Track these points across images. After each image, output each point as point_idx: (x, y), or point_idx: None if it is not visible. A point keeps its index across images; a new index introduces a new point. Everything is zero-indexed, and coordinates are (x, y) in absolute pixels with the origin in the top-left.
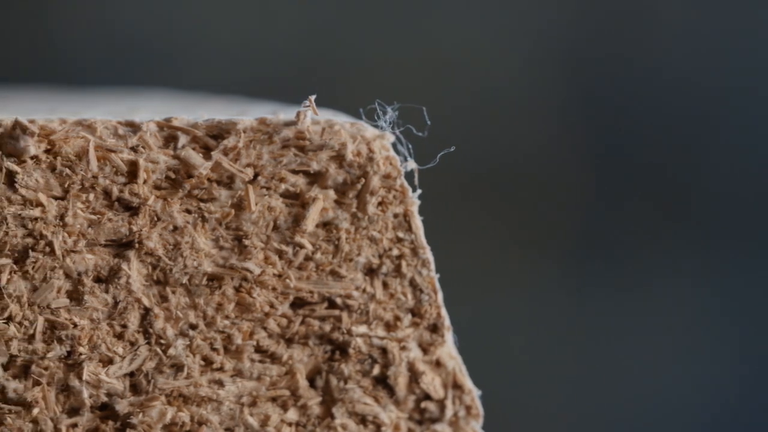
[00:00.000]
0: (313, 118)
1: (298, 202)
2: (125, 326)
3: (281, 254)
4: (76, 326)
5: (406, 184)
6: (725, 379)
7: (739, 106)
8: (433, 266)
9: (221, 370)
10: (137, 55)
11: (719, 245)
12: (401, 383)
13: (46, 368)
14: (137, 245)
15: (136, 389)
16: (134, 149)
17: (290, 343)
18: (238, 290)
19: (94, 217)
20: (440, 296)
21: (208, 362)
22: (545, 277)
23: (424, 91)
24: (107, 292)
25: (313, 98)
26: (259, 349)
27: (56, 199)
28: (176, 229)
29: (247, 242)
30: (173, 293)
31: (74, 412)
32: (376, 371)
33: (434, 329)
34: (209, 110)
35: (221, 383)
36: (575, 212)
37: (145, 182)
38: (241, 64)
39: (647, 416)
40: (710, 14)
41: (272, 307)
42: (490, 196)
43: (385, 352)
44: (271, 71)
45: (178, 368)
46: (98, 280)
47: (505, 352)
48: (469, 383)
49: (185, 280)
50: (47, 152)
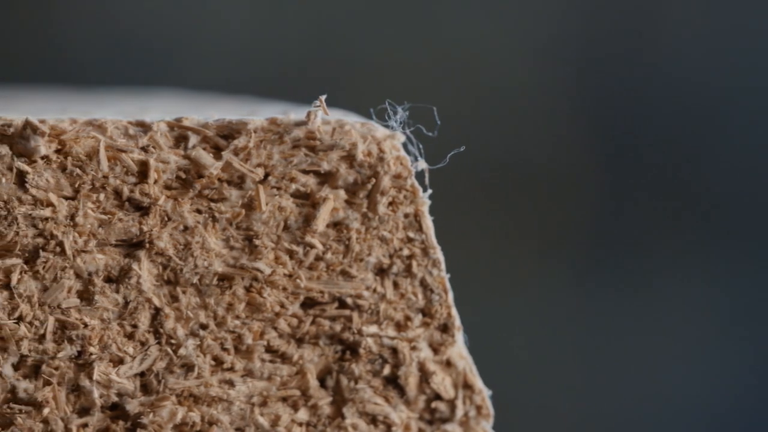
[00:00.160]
0: (323, 118)
1: (308, 202)
2: (136, 326)
3: (292, 254)
4: (86, 326)
5: (416, 184)
6: (736, 378)
7: (749, 106)
8: (443, 266)
9: (232, 370)
10: (148, 55)
11: (730, 245)
12: (412, 383)
13: (56, 368)
14: (148, 245)
15: (146, 389)
16: (145, 149)
17: (301, 343)
18: (248, 290)
19: (104, 217)
20: (451, 296)
21: (218, 362)
22: (555, 276)
23: (434, 91)
24: (118, 292)
25: (323, 98)
26: (269, 349)
27: (67, 199)
28: (187, 229)
29: (257, 242)
30: (184, 293)
31: (84, 412)
32: (386, 371)
33: (445, 329)
34: (220, 110)
35: (232, 383)
36: (585, 212)
37: (155, 182)
38: (251, 64)
39: (657, 416)
40: (721, 13)
41: (283, 307)
42: (500, 196)
43: (395, 352)
44: (281, 71)
45: (188, 368)
46: (109, 280)
47: (515, 352)
48: (479, 383)
49: (196, 280)
50: (58, 152)
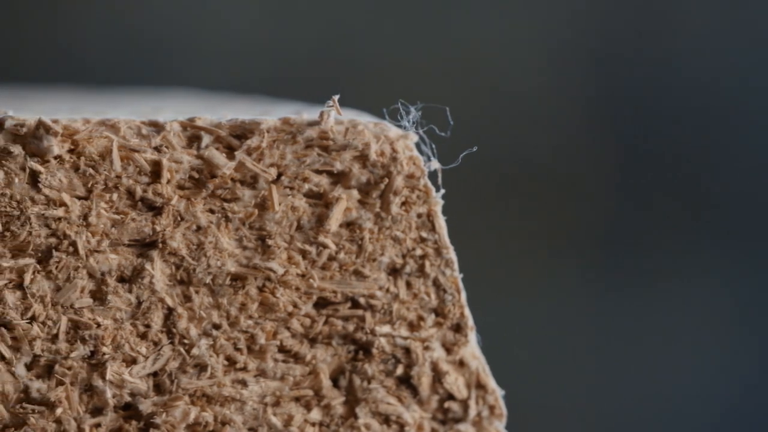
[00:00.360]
0: (336, 118)
1: (321, 202)
2: (148, 326)
3: (305, 254)
4: (99, 326)
5: (429, 184)
6: (745, 379)
7: (760, 107)
8: (456, 266)
9: (245, 369)
10: (161, 54)
11: (742, 245)
12: (424, 383)
13: (69, 368)
14: (161, 245)
15: (159, 389)
16: (158, 149)
17: (314, 342)
18: (261, 290)
19: (117, 216)
20: (463, 296)
21: (231, 362)
22: (568, 276)
23: (447, 91)
24: (131, 291)
25: (336, 98)
26: (282, 348)
27: (80, 198)
28: (200, 228)
29: (270, 242)
30: (197, 293)
31: (97, 411)
32: (399, 371)
33: (457, 329)
34: (233, 110)
35: (245, 383)
36: (597, 213)
37: (168, 182)
38: (264, 63)
39: (667, 416)
40: (734, 11)
41: (296, 306)
42: (512, 195)
43: (408, 351)
44: (294, 71)
45: (201, 368)
46: (122, 279)
47: (528, 351)
48: (492, 383)
49: (209, 279)
50: (71, 152)
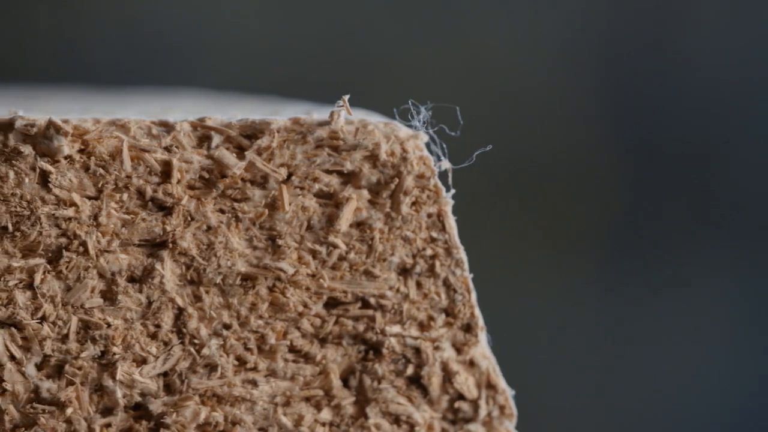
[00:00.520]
0: (346, 117)
1: (331, 201)
2: (159, 326)
3: (315, 254)
4: (109, 326)
5: (439, 183)
6: (759, 380)
7: None
8: (466, 266)
9: (255, 369)
10: (171, 54)
11: (753, 245)
12: (435, 383)
13: (79, 368)
14: (171, 245)
15: (169, 389)
16: (168, 149)
17: (324, 342)
18: (271, 290)
19: (127, 216)
20: (474, 296)
21: (241, 362)
22: (579, 276)
23: (457, 90)
24: (141, 291)
25: (346, 98)
26: (292, 348)
27: (90, 198)
28: (210, 228)
29: (280, 242)
30: (207, 293)
31: (108, 411)
32: (409, 371)
33: (468, 329)
34: (243, 110)
35: (255, 383)
36: (608, 212)
37: (178, 182)
38: (274, 63)
39: (678, 418)
40: (745, 10)
41: (306, 306)
42: (523, 195)
43: (418, 351)
44: (304, 71)
45: (211, 368)
46: (132, 279)
47: (538, 351)
48: (502, 383)
49: (219, 279)
50: (81, 152)
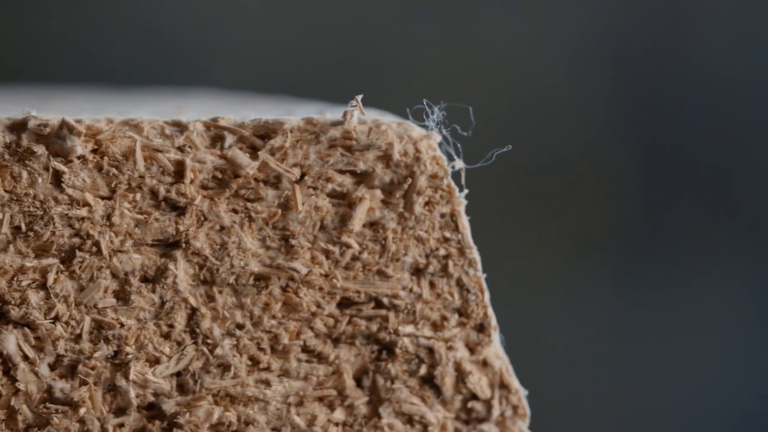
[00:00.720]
0: (359, 117)
1: (344, 201)
2: (172, 326)
3: (328, 254)
4: (122, 326)
5: (453, 183)
6: None
7: None
8: (479, 266)
9: (268, 369)
10: (184, 55)
11: (767, 245)
12: (448, 383)
13: (92, 368)
14: (184, 245)
15: (182, 389)
16: (181, 149)
17: (337, 342)
18: (284, 290)
19: (140, 216)
20: (487, 296)
21: (254, 362)
22: (592, 276)
23: (470, 90)
24: (154, 291)
25: (359, 98)
26: (305, 348)
27: (103, 198)
28: (223, 228)
29: (293, 242)
30: (220, 293)
31: (121, 411)
32: (422, 371)
33: (481, 329)
34: (256, 110)
35: (268, 383)
36: (621, 212)
37: (191, 182)
38: (287, 63)
39: (691, 418)
40: (757, 11)
41: (319, 306)
42: (536, 195)
43: (431, 351)
44: (317, 71)
45: (224, 368)
46: (145, 279)
47: (552, 351)
48: (515, 383)
49: (232, 279)
50: (94, 152)
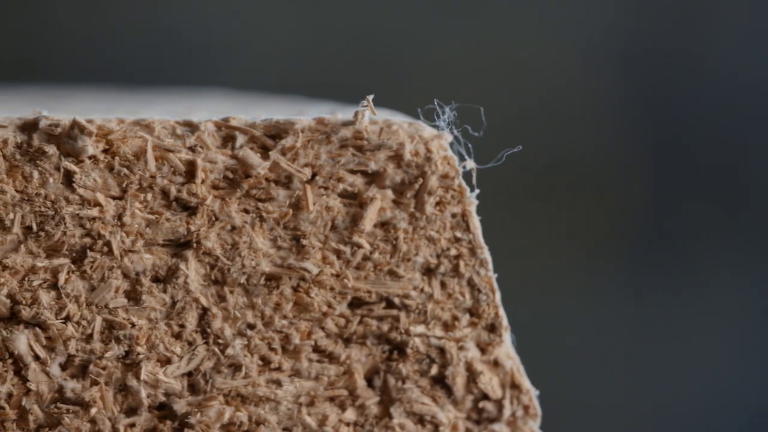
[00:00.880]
0: (371, 117)
1: (356, 201)
2: (183, 326)
3: (339, 254)
4: (134, 326)
5: (464, 183)
6: None
7: None
8: (491, 266)
9: (279, 369)
10: (195, 55)
11: None
12: (459, 383)
13: (104, 368)
14: (195, 245)
15: (194, 389)
16: (192, 149)
17: (348, 342)
18: (296, 290)
19: (152, 216)
20: (498, 296)
21: (266, 362)
22: (603, 276)
23: (481, 90)
24: (165, 291)
25: (371, 98)
26: (317, 348)
27: (114, 198)
28: (234, 228)
29: (305, 242)
30: (231, 293)
31: (132, 411)
32: (434, 371)
33: (492, 329)
34: (267, 110)
35: (279, 383)
36: (633, 212)
37: (203, 182)
38: (298, 63)
39: (705, 417)
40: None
41: (330, 306)
42: (547, 195)
43: (443, 351)
44: (328, 71)
45: (236, 368)
46: (156, 279)
47: (563, 351)
48: (527, 383)
49: (243, 279)
50: (105, 152)
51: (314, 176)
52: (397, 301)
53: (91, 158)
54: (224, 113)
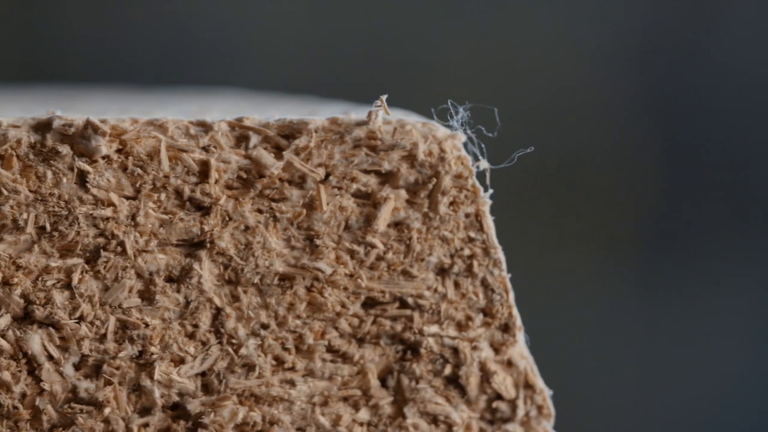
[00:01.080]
0: (384, 117)
1: (369, 201)
2: (197, 326)
3: (353, 254)
4: (147, 326)
5: (477, 183)
6: None
7: None
8: (504, 266)
9: (293, 369)
10: (209, 55)
11: None
12: (473, 383)
13: (117, 368)
14: (209, 245)
15: (207, 389)
16: (206, 149)
17: (362, 342)
18: (309, 290)
19: (165, 216)
20: (512, 296)
21: (279, 362)
22: (617, 276)
23: (495, 91)
24: (179, 291)
25: (384, 98)
26: (330, 348)
27: (128, 198)
28: (248, 228)
29: (318, 242)
30: (245, 293)
31: (146, 411)
32: (447, 371)
33: (506, 329)
34: (281, 110)
35: (293, 383)
36: (646, 211)
37: (216, 182)
38: (312, 63)
39: (718, 416)
40: None
41: (344, 306)
42: (561, 196)
43: (456, 351)
44: (342, 71)
45: (249, 368)
46: (170, 279)
47: (576, 351)
48: (540, 383)
49: (257, 279)
50: (119, 152)
51: (328, 176)
52: (410, 301)
53: (104, 158)
54: (238, 113)
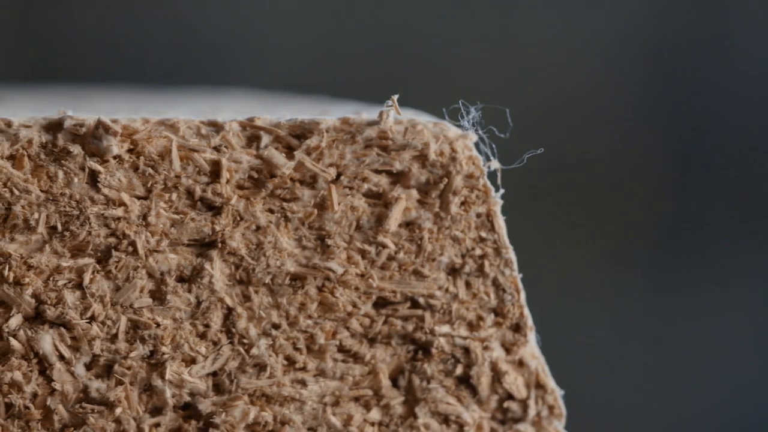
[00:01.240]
0: (395, 117)
1: (380, 201)
2: (208, 326)
3: (364, 254)
4: (158, 326)
5: (489, 183)
6: None
7: None
8: (515, 266)
9: (304, 369)
10: (220, 55)
11: None
12: (484, 383)
13: (128, 368)
14: (220, 245)
15: (218, 389)
16: (217, 149)
17: (373, 342)
18: (320, 290)
19: (176, 216)
20: (523, 296)
21: (290, 362)
22: (628, 276)
23: (507, 91)
24: (190, 291)
25: (395, 98)
26: (341, 348)
27: (139, 198)
28: (259, 228)
29: (329, 242)
30: (256, 293)
31: (157, 411)
32: (458, 371)
33: (517, 329)
34: (292, 110)
35: (304, 383)
36: (656, 212)
37: (227, 182)
38: (323, 63)
39: (728, 416)
40: None
41: (355, 306)
42: (572, 195)
43: (467, 351)
44: (353, 71)
45: (260, 368)
46: (181, 279)
47: (588, 351)
48: (551, 383)
49: (268, 279)
50: (130, 152)
51: (339, 176)
52: (422, 300)
53: (116, 158)
54: (249, 113)
